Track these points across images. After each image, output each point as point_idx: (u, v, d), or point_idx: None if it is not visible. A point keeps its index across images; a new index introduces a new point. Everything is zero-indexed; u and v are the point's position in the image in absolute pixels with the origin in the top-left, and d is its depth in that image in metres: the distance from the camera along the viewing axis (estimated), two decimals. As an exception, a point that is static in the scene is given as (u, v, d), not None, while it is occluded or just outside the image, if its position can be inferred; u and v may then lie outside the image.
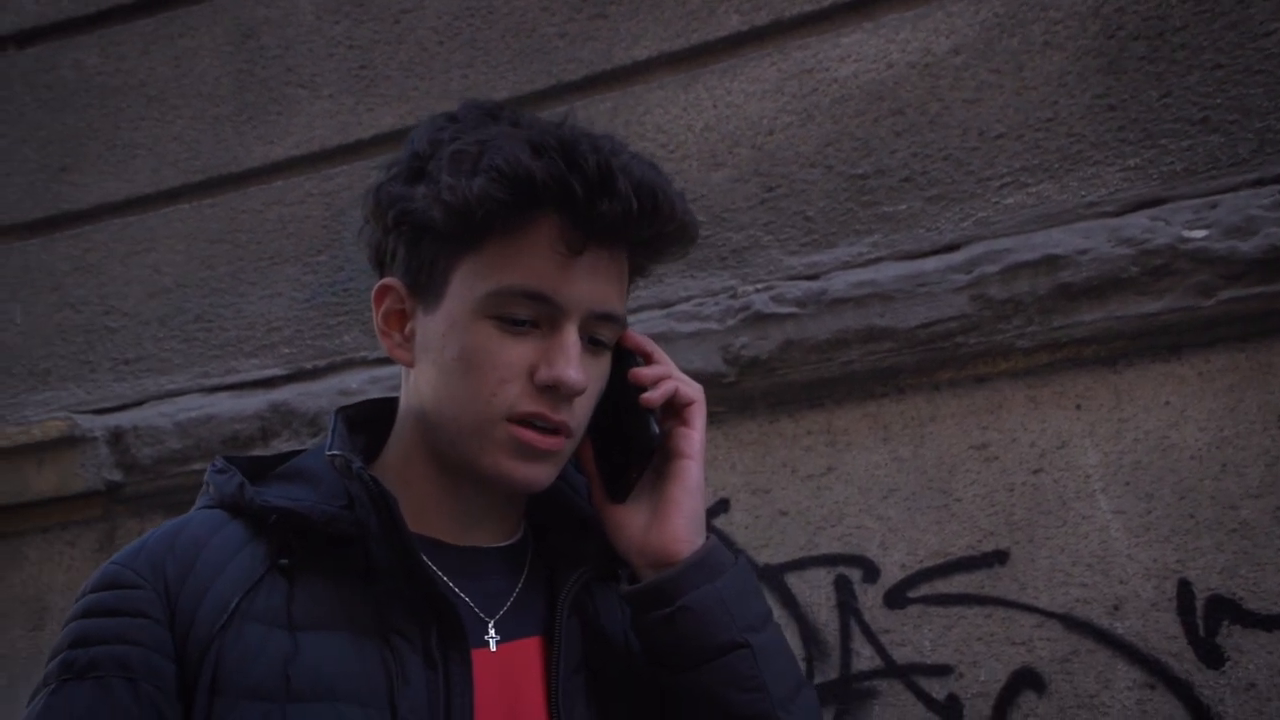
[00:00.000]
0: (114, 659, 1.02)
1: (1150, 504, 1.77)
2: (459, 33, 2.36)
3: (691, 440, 1.21)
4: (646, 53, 2.20)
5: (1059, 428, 1.83)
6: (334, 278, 2.35)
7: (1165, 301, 1.79)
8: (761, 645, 1.16)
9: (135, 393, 2.45)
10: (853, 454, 1.93)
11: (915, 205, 1.98)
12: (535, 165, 1.06)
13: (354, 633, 1.07)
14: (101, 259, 2.54)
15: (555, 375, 1.09)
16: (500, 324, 1.10)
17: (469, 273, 1.11)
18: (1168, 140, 1.87)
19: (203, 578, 1.07)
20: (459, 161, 1.08)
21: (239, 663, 1.03)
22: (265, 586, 1.08)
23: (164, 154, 2.54)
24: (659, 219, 1.12)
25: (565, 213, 1.08)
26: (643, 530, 1.18)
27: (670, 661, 1.15)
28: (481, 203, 1.06)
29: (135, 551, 1.10)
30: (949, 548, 1.86)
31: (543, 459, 1.13)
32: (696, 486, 1.19)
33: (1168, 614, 1.74)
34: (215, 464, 1.19)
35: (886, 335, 1.89)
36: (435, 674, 1.07)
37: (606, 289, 1.14)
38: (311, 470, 1.17)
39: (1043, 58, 1.95)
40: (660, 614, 1.14)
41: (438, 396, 1.13)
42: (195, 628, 1.04)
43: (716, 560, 1.18)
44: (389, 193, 1.14)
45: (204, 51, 2.56)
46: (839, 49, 2.07)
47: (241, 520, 1.12)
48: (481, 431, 1.11)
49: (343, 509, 1.11)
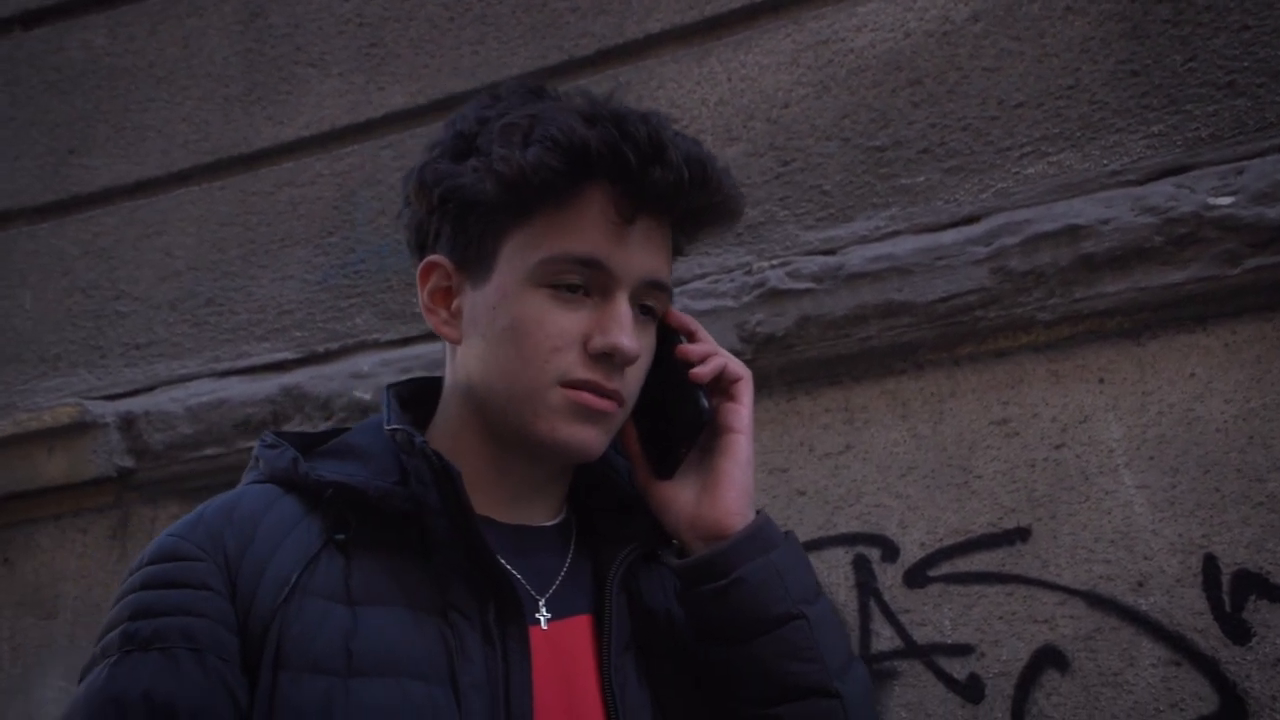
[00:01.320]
0: (179, 630, 1.02)
1: (1175, 478, 1.74)
2: (470, 8, 2.33)
3: (741, 415, 1.22)
4: (659, 26, 2.17)
5: (1081, 402, 1.80)
6: (345, 259, 2.33)
7: (1190, 271, 1.75)
8: (816, 616, 1.17)
9: (146, 378, 2.43)
10: (871, 431, 1.91)
11: (934, 177, 1.95)
12: (590, 134, 1.08)
13: (412, 608, 1.08)
14: (112, 243, 2.53)
15: (610, 342, 1.10)
16: (553, 292, 1.11)
17: (519, 244, 1.12)
18: (1193, 106, 1.83)
19: (261, 552, 1.07)
20: (510, 134, 1.10)
21: (301, 637, 1.03)
22: (323, 561, 1.09)
23: (173, 135, 2.53)
24: (708, 189, 1.14)
25: (618, 181, 1.10)
26: (693, 505, 1.19)
27: (725, 634, 1.16)
28: (537, 171, 1.07)
29: (193, 524, 1.10)
30: (969, 525, 1.83)
31: (597, 421, 1.13)
32: (747, 461, 1.21)
33: (1193, 590, 1.71)
34: (265, 439, 1.20)
35: (905, 310, 1.86)
36: (494, 650, 1.07)
37: (656, 258, 1.16)
38: (361, 446, 1.17)
39: (1064, 23, 1.91)
40: (714, 586, 1.15)
41: (487, 368, 1.14)
42: (257, 601, 1.04)
43: (769, 533, 1.19)
44: (435, 170, 1.15)
45: (212, 31, 2.54)
46: (855, 18, 2.04)
47: (295, 495, 1.12)
48: (535, 397, 1.11)
49: (396, 484, 1.11)
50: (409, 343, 2.21)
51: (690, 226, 1.20)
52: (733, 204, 1.19)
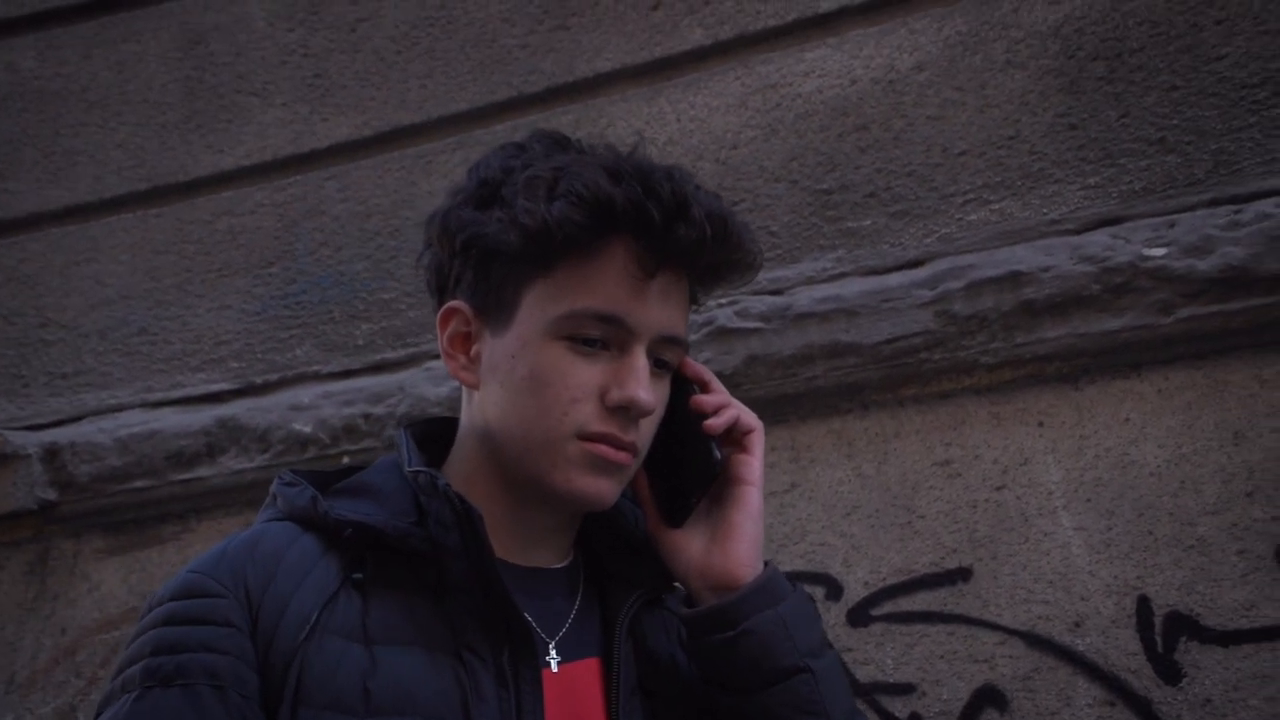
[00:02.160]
0: (202, 667, 1.02)
1: (1111, 521, 1.78)
2: (417, 42, 2.32)
3: (752, 467, 1.23)
4: (609, 65, 2.18)
5: (1021, 444, 1.84)
6: (286, 290, 2.29)
7: (1126, 319, 1.80)
8: (823, 670, 1.17)
9: (73, 408, 2.36)
10: (817, 470, 1.92)
11: (879, 221, 1.98)
12: (615, 190, 1.09)
13: (427, 648, 1.08)
14: (38, 269, 2.46)
15: (627, 396, 1.11)
16: (572, 345, 1.12)
17: (541, 295, 1.13)
18: (1126, 159, 1.89)
19: (283, 589, 1.07)
20: (534, 187, 1.11)
21: (321, 675, 1.04)
22: (341, 600, 1.09)
23: (106, 162, 2.47)
24: (728, 246, 1.15)
25: (641, 237, 1.11)
26: (703, 555, 1.20)
27: (732, 684, 1.17)
28: (561, 226, 1.08)
29: (216, 559, 1.10)
30: (912, 565, 1.85)
31: (612, 473, 1.14)
32: (758, 512, 1.22)
33: (1127, 630, 1.75)
34: (283, 477, 1.20)
35: (851, 351, 1.89)
36: (507, 692, 1.08)
37: (674, 313, 1.17)
38: (377, 486, 1.18)
39: (1005, 76, 1.97)
40: (723, 637, 1.15)
41: (505, 415, 1.15)
42: (278, 639, 1.05)
43: (778, 586, 1.19)
44: (459, 217, 1.16)
45: (150, 57, 2.49)
46: (803, 64, 2.07)
47: (314, 533, 1.13)
48: (552, 448, 1.12)
49: (413, 525, 1.12)
50: (351, 375, 2.18)
51: (709, 280, 1.21)
52: (751, 259, 1.21)
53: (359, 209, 2.28)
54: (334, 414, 2.07)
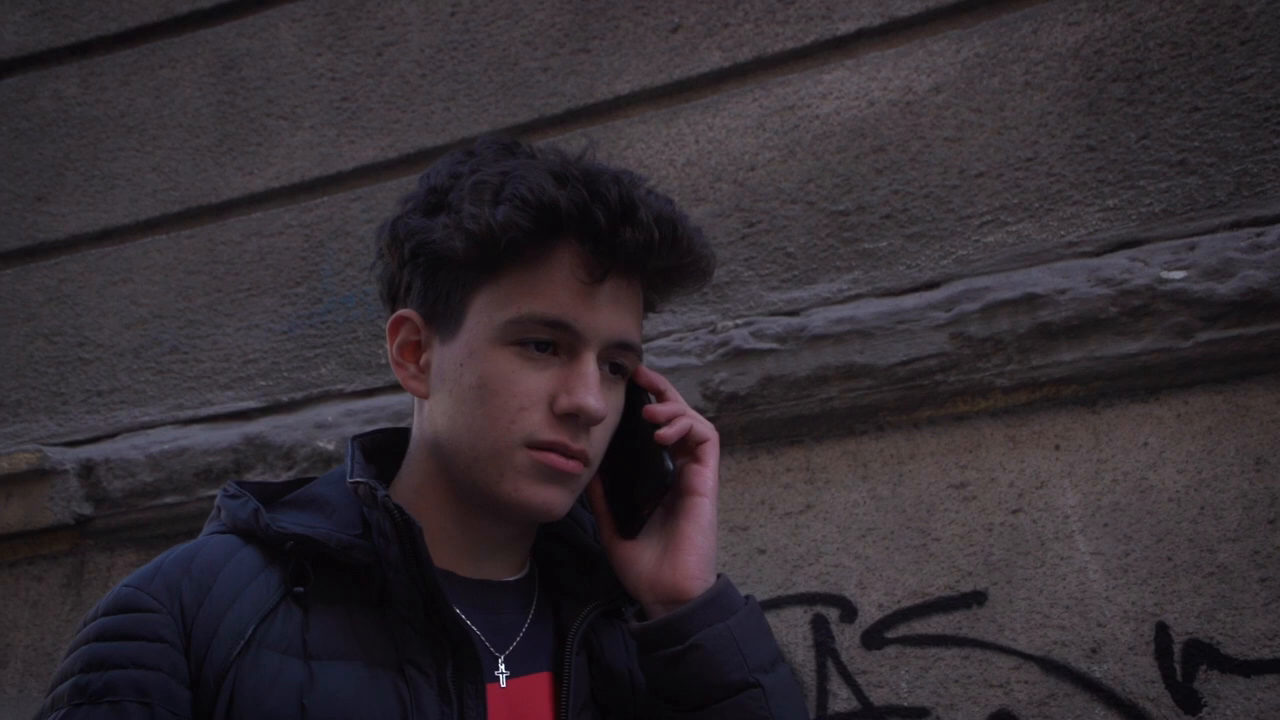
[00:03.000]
0: (130, 684, 1.00)
1: (1129, 546, 1.76)
2: (441, 66, 2.36)
3: (705, 478, 1.21)
4: (629, 87, 2.20)
5: (1038, 468, 1.83)
6: (312, 310, 2.34)
7: (1144, 342, 1.78)
8: (773, 685, 1.15)
9: (108, 425, 2.42)
10: (831, 492, 1.92)
11: (896, 242, 1.98)
12: (559, 194, 1.07)
13: (368, 663, 1.07)
14: (77, 290, 2.52)
15: (575, 403, 1.09)
16: (520, 350, 1.11)
17: (488, 302, 1.11)
18: (1146, 181, 1.88)
19: (219, 603, 1.05)
20: (480, 191, 1.09)
21: (255, 691, 1.02)
22: (280, 614, 1.07)
23: (142, 184, 2.53)
24: (678, 250, 1.13)
25: (587, 241, 1.09)
26: (654, 567, 1.18)
27: (680, 699, 1.14)
28: (505, 230, 1.06)
29: (150, 575, 1.08)
30: (927, 588, 1.84)
31: (562, 482, 1.13)
32: (709, 525, 1.19)
33: (1145, 658, 1.73)
34: (227, 489, 1.18)
35: (866, 373, 1.89)
36: (450, 708, 1.06)
37: (625, 318, 1.15)
38: (325, 498, 1.16)
39: (1023, 97, 1.96)
40: (671, 651, 1.13)
41: (454, 425, 1.13)
42: (211, 654, 1.03)
43: (728, 599, 1.17)
44: (407, 225, 1.15)
45: (185, 82, 2.55)
46: (821, 86, 2.08)
47: (255, 546, 1.11)
48: (500, 457, 1.10)
49: (358, 538, 1.10)
50: (373, 393, 2.21)
51: (662, 285, 1.20)
52: (703, 264, 1.19)
53: (383, 231, 2.32)
54: (357, 431, 2.10)
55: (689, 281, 1.20)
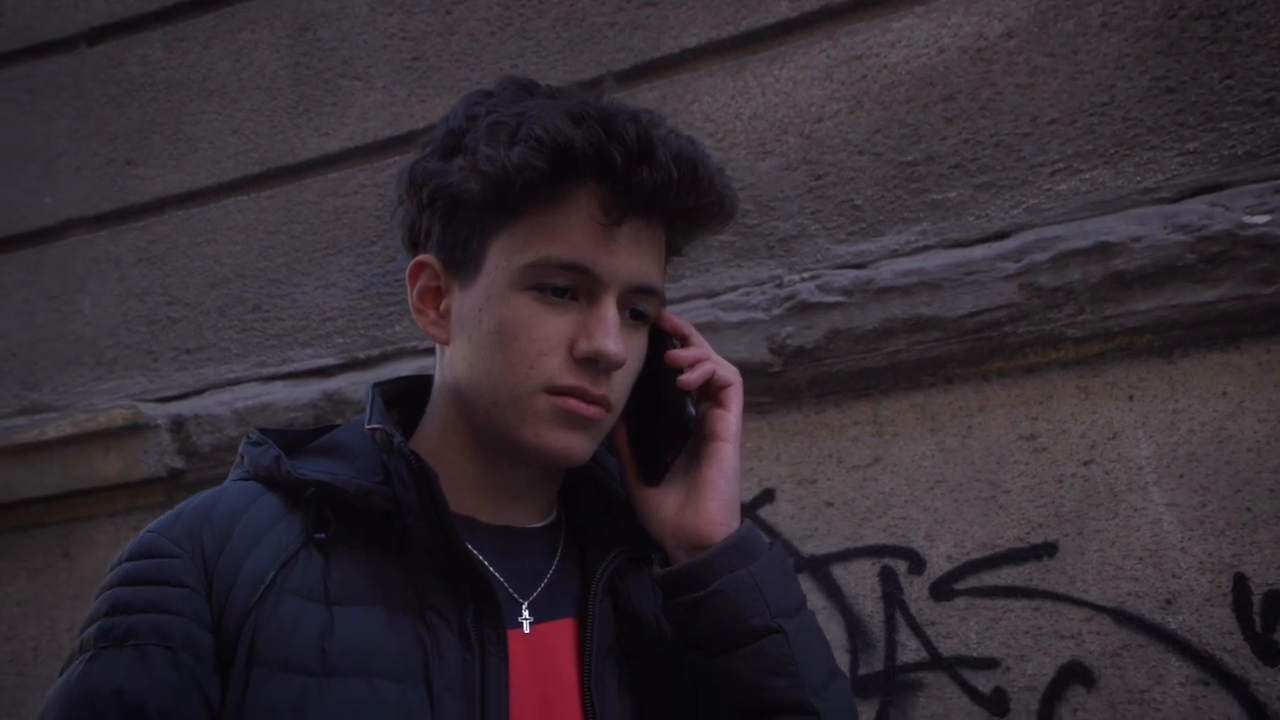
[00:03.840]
0: (152, 627, 1.02)
1: (1205, 497, 1.73)
2: (510, 23, 2.37)
3: (727, 423, 1.19)
4: (695, 40, 2.19)
5: (1110, 418, 1.80)
6: (386, 268, 2.38)
7: (1223, 289, 1.74)
8: (795, 631, 1.14)
9: (196, 381, 2.50)
10: (899, 444, 1.91)
11: (965, 193, 1.95)
12: (574, 133, 1.05)
13: (389, 608, 1.06)
14: (165, 250, 2.60)
15: (595, 347, 1.08)
16: (539, 295, 1.09)
17: (506, 245, 1.10)
18: (1229, 123, 1.82)
19: (239, 549, 1.06)
20: (496, 133, 1.07)
21: (275, 636, 1.02)
22: (301, 560, 1.07)
23: (224, 146, 2.59)
24: (698, 189, 1.11)
25: (604, 182, 1.07)
26: (676, 513, 1.17)
27: (702, 645, 1.14)
28: (520, 171, 1.05)
29: (172, 520, 1.09)
30: (996, 540, 1.83)
31: (583, 427, 1.11)
32: (732, 470, 1.18)
33: (1223, 609, 1.70)
34: (250, 436, 1.18)
35: (934, 325, 1.87)
36: (471, 653, 1.06)
37: (645, 261, 1.13)
38: (348, 445, 1.16)
39: (1099, 40, 1.91)
40: (693, 597, 1.13)
41: (474, 371, 1.11)
42: (232, 599, 1.04)
43: (751, 544, 1.16)
44: (424, 169, 1.13)
45: (262, 45, 2.61)
46: (889, 34, 2.05)
47: (277, 493, 1.11)
48: (520, 403, 1.09)
49: (379, 484, 1.10)
50: (448, 350, 2.25)
51: (683, 227, 1.17)
52: (725, 205, 1.16)
53: (455, 189, 2.35)
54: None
55: (711, 222, 1.18)
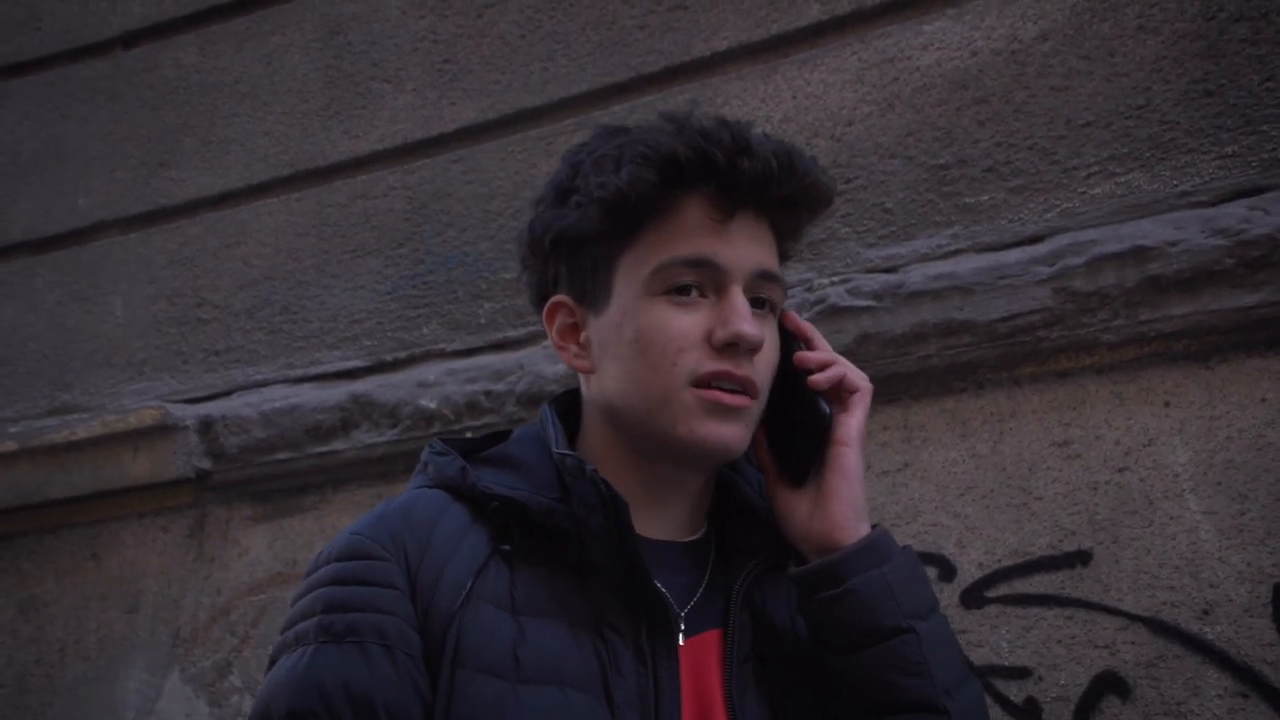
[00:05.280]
0: (372, 626, 1.07)
1: (1244, 505, 1.70)
2: (540, 26, 2.37)
3: (848, 427, 1.23)
4: (726, 43, 2.18)
5: (1146, 425, 1.77)
6: (414, 270, 2.39)
7: (1263, 294, 1.71)
8: (927, 632, 1.17)
9: (224, 383, 2.51)
10: (930, 450, 1.89)
11: (998, 196, 1.93)
12: (676, 143, 1.14)
13: (570, 623, 1.12)
14: (195, 252, 2.62)
15: (731, 331, 1.14)
16: (669, 298, 1.16)
17: (631, 263, 1.17)
18: (1270, 126, 1.79)
19: (439, 555, 1.12)
20: (603, 164, 1.16)
21: (477, 640, 1.08)
22: (491, 570, 1.13)
23: (255, 149, 2.61)
24: (797, 175, 1.17)
25: (710, 182, 1.15)
26: (807, 518, 1.22)
27: (836, 643, 1.18)
28: (633, 187, 1.13)
29: (375, 523, 1.16)
30: (1028, 547, 1.80)
31: (734, 418, 1.16)
32: (854, 474, 1.22)
33: (1262, 620, 1.67)
34: (434, 445, 1.25)
35: (965, 329, 1.85)
36: (645, 668, 1.12)
37: (763, 250, 1.20)
38: (521, 459, 1.22)
39: (1136, 42, 1.89)
40: (827, 595, 1.17)
41: (621, 384, 1.18)
42: (436, 603, 1.09)
43: (883, 547, 1.21)
44: (542, 221, 1.23)
45: (294, 48, 2.62)
46: (921, 37, 2.03)
47: (463, 503, 1.18)
48: (670, 401, 1.15)
49: (556, 501, 1.16)
50: (474, 353, 2.25)
51: (789, 218, 1.23)
52: (824, 189, 1.23)
53: (483, 191, 2.35)
54: (457, 390, 2.15)
55: (814, 207, 1.24)
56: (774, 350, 1.22)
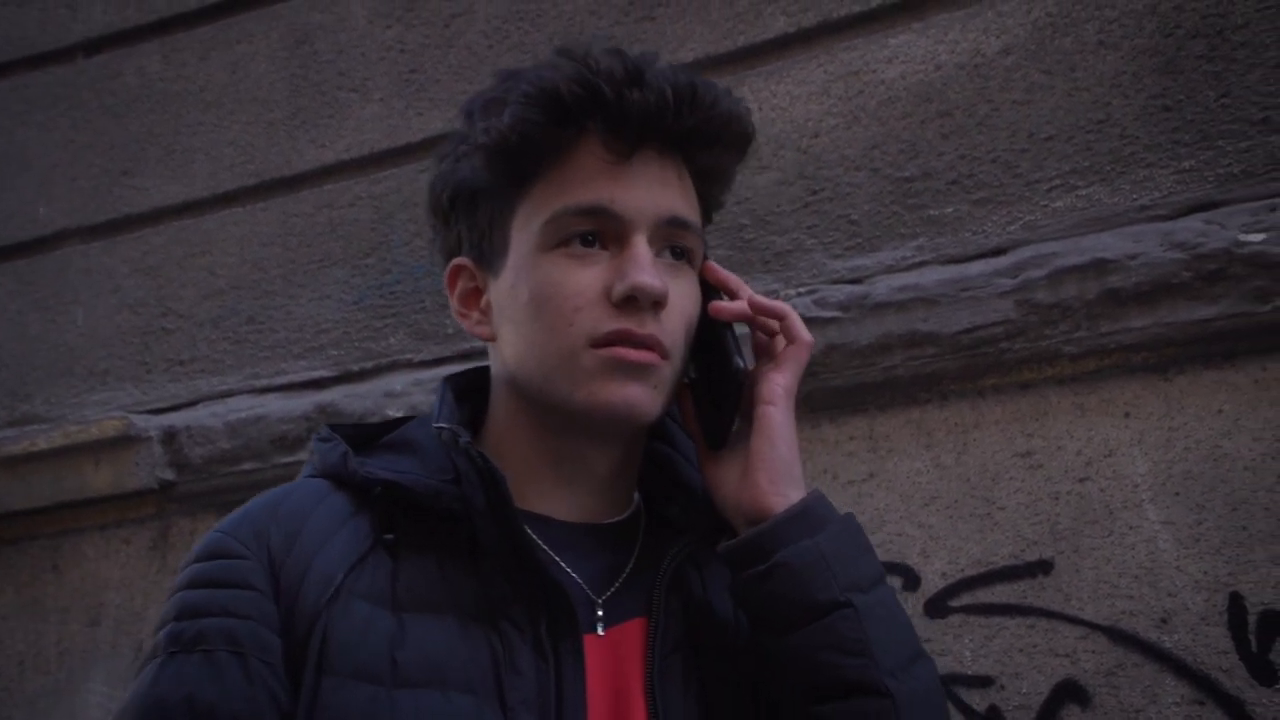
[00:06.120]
0: (222, 632, 0.99)
1: (1201, 515, 1.72)
2: (507, 35, 2.37)
3: (775, 384, 1.13)
4: (693, 55, 2.19)
5: (1106, 436, 1.79)
6: (381, 280, 2.38)
7: (1220, 307, 1.74)
8: (868, 606, 1.06)
9: (188, 393, 2.49)
10: (895, 460, 1.91)
11: (961, 208, 1.95)
12: (559, 77, 1.04)
13: (460, 617, 1.03)
14: (159, 261, 2.59)
15: (630, 283, 1.04)
16: (565, 252, 1.06)
17: (524, 216, 1.08)
18: (1225, 141, 1.82)
19: (307, 549, 1.03)
20: (489, 109, 1.08)
21: (346, 642, 1.00)
22: (370, 563, 1.04)
23: (220, 158, 2.59)
24: (700, 107, 1.07)
25: (600, 117, 1.05)
26: (736, 486, 1.12)
27: (769, 623, 1.07)
28: (515, 129, 1.04)
29: (239, 520, 1.07)
30: (991, 557, 1.82)
31: (639, 376, 1.06)
32: (780, 435, 1.11)
33: (1218, 628, 1.69)
34: (320, 433, 1.16)
35: (930, 340, 1.86)
36: (546, 665, 1.02)
37: (670, 194, 1.09)
38: (418, 441, 1.13)
39: (1096, 58, 1.91)
40: (755, 571, 1.07)
41: (519, 350, 1.09)
42: (301, 601, 1.01)
43: (818, 514, 1.10)
44: (440, 178, 1.15)
45: (260, 57, 2.61)
46: (887, 50, 2.05)
47: (345, 491, 1.09)
48: (567, 364, 1.05)
49: (449, 483, 1.06)
50: (441, 363, 2.24)
51: (704, 157, 1.13)
52: (737, 120, 1.11)
53: (450, 201, 2.34)
54: (424, 401, 2.13)
55: (730, 142, 1.13)
56: (691, 304, 1.11)
